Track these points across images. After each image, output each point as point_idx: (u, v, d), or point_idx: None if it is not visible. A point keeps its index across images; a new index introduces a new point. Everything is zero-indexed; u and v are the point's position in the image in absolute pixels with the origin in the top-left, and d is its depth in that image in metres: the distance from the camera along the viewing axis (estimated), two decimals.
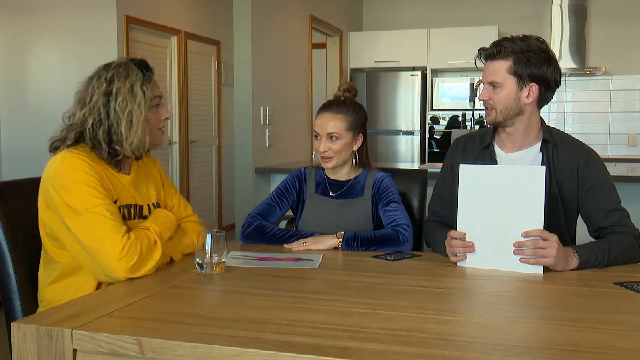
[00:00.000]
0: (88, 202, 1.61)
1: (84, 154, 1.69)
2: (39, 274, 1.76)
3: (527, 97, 1.87)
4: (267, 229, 2.10)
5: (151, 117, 1.79)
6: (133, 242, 1.61)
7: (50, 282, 1.72)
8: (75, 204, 1.61)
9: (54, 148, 1.75)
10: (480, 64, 1.96)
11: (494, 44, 1.89)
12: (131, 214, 1.78)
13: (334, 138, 2.13)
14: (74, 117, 1.75)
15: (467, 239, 1.75)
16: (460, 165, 1.78)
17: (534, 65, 1.85)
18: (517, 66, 1.85)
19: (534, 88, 1.87)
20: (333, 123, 2.13)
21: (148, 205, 1.85)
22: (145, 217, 1.82)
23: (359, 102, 2.24)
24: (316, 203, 2.22)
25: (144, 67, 1.78)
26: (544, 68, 1.86)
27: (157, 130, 1.83)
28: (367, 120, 2.25)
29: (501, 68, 1.87)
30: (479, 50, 1.93)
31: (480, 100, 1.94)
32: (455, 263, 1.79)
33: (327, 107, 2.18)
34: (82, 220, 1.61)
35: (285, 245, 2.03)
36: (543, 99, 1.91)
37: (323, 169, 2.24)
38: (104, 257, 1.59)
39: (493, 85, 1.89)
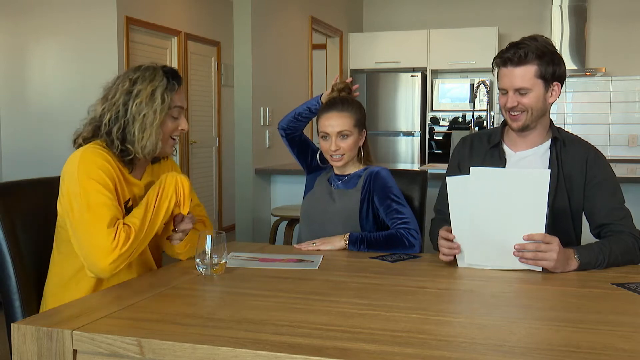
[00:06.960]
0: (92, 199, 1.62)
1: (103, 151, 1.71)
2: (48, 276, 1.76)
3: (551, 96, 1.90)
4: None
5: (169, 126, 1.80)
6: (121, 240, 1.60)
7: (55, 284, 1.73)
8: (81, 199, 1.62)
9: (77, 144, 1.77)
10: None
11: (516, 48, 1.85)
12: None
13: (344, 136, 2.14)
14: (95, 111, 1.78)
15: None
16: (471, 168, 1.74)
17: (556, 65, 1.86)
18: (543, 68, 1.85)
19: (557, 87, 1.90)
20: (342, 121, 2.14)
21: None
22: None
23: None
24: (320, 187, 2.28)
25: (171, 75, 1.80)
26: (562, 66, 1.89)
27: (170, 138, 1.84)
28: (367, 120, 2.28)
29: (528, 72, 1.85)
30: (499, 57, 1.88)
31: (508, 107, 1.89)
32: (457, 263, 1.79)
33: (332, 106, 2.17)
34: (81, 215, 1.62)
35: (295, 246, 2.07)
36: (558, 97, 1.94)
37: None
38: (92, 252, 1.59)
39: (520, 91, 1.87)
